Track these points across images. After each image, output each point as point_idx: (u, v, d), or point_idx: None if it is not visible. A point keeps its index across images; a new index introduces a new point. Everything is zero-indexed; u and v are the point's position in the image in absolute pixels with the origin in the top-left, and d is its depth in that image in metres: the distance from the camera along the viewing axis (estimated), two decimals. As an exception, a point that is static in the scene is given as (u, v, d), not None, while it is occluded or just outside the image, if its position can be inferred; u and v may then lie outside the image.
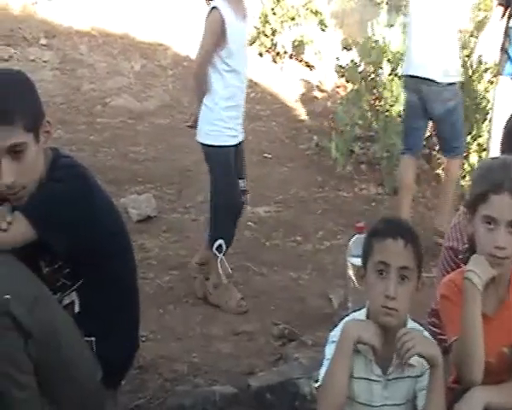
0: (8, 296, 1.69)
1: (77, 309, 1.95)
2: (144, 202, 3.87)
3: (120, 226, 2.04)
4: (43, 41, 6.64)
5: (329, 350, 1.76)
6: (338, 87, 6.52)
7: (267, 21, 7.24)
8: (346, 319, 1.84)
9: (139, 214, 3.77)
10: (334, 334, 1.78)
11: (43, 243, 1.81)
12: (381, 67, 5.42)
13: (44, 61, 6.31)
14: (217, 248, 3.06)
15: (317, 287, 3.39)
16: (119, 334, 1.99)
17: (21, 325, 1.71)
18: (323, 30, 7.64)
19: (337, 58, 6.15)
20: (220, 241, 3.05)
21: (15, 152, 1.73)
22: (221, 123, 3.02)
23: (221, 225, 3.09)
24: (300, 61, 7.35)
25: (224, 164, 3.05)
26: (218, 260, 3.08)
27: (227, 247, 3.12)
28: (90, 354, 1.93)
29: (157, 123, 5.51)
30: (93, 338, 1.94)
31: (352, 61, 5.70)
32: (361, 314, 1.82)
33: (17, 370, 1.73)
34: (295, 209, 4.33)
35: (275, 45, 7.19)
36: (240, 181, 3.13)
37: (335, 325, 1.81)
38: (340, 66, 5.95)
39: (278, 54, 7.19)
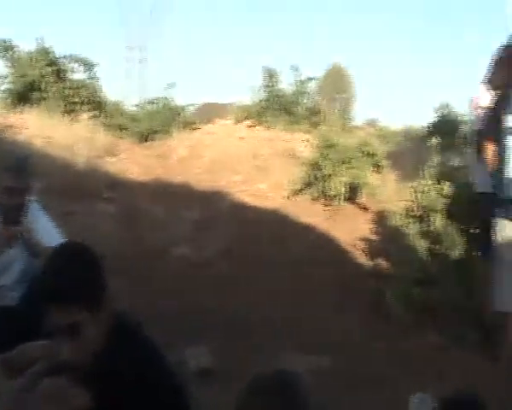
0: None
1: None
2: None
3: None
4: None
5: None
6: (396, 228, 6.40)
7: (319, 167, 7.35)
8: None
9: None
10: None
11: None
12: (437, 211, 5.31)
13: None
14: None
15: None
16: None
17: None
18: (379, 172, 7.70)
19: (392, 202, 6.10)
20: None
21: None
22: None
23: None
24: (354, 203, 7.35)
25: None
26: None
27: None
28: None
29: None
30: None
31: (408, 209, 5.63)
32: None
33: None
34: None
35: (328, 189, 7.24)
36: None
37: None
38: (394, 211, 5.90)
39: (331, 197, 7.22)
